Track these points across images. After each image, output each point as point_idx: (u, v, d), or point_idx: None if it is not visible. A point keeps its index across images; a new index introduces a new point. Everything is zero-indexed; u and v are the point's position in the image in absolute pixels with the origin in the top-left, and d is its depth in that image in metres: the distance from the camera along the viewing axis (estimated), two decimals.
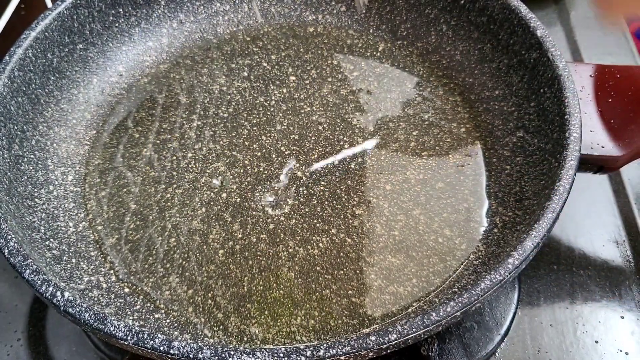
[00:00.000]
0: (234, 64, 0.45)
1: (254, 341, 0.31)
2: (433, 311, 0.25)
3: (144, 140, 0.40)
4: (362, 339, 0.24)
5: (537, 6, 0.54)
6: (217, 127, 0.41)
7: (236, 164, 0.39)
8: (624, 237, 0.38)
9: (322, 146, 0.39)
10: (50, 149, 0.38)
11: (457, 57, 0.43)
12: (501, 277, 0.26)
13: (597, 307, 0.35)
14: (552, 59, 0.35)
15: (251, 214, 0.36)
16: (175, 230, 0.35)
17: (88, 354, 0.34)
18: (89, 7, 0.41)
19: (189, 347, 0.24)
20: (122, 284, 0.33)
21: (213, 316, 0.32)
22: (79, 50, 0.41)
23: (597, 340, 0.34)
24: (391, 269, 0.33)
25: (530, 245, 0.27)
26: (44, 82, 0.38)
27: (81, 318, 0.25)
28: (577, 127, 0.31)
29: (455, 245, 0.34)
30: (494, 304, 0.34)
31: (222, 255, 0.34)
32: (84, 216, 0.36)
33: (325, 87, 0.43)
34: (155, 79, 0.44)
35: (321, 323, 0.31)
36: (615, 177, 0.41)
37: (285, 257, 0.34)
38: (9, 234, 0.28)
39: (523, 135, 0.37)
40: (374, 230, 0.35)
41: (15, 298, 0.36)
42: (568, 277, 0.36)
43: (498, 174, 0.37)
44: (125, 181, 0.38)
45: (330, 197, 0.37)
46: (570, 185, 0.30)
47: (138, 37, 0.44)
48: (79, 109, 0.41)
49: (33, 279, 0.27)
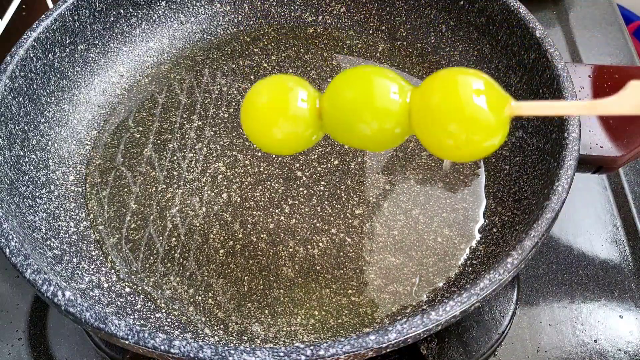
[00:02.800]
0: (234, 65, 0.45)
1: (254, 340, 0.31)
2: (433, 311, 0.25)
3: (145, 140, 0.40)
4: (362, 338, 0.24)
5: (536, 7, 0.54)
6: (217, 127, 0.41)
7: (236, 164, 0.39)
8: (623, 236, 0.38)
9: (322, 146, 0.39)
10: (52, 149, 0.38)
11: (456, 58, 0.43)
12: (500, 276, 0.26)
13: (596, 307, 0.35)
14: (550, 60, 0.35)
15: (251, 214, 0.36)
16: (176, 229, 0.36)
17: (89, 353, 0.34)
18: (90, 7, 0.41)
19: (190, 346, 0.24)
20: (123, 283, 0.33)
21: (213, 315, 0.32)
22: (80, 51, 0.41)
23: (596, 339, 0.34)
24: (391, 269, 0.33)
25: (529, 244, 0.27)
26: (45, 83, 0.38)
27: (82, 317, 0.25)
28: (575, 127, 0.32)
29: (455, 244, 0.34)
30: (493, 303, 0.35)
31: (222, 255, 0.34)
32: (85, 216, 0.36)
33: (325, 87, 0.43)
34: (156, 79, 0.44)
35: (321, 322, 0.32)
36: (614, 177, 0.41)
37: (285, 257, 0.34)
38: (10, 234, 0.28)
39: (522, 135, 0.37)
40: (373, 230, 0.35)
41: (17, 297, 0.36)
42: (567, 276, 0.36)
43: (497, 174, 0.37)
44: (126, 181, 0.38)
45: (330, 197, 0.37)
46: (569, 185, 0.30)
47: (139, 37, 0.45)
48: (80, 109, 0.41)
49: (34, 278, 0.27)
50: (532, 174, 0.34)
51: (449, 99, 0.23)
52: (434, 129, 0.24)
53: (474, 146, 0.23)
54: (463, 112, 0.22)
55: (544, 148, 0.34)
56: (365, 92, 0.25)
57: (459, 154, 0.24)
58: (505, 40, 0.39)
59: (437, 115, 0.23)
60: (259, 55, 0.45)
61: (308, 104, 0.26)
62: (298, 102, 0.26)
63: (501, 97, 0.23)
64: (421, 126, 0.24)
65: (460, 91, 0.23)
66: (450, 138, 0.23)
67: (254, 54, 0.45)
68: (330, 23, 0.47)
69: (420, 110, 0.24)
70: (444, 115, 0.23)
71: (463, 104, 0.22)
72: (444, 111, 0.23)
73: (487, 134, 0.23)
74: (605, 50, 0.50)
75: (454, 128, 0.23)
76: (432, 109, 0.23)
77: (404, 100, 0.24)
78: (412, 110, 0.24)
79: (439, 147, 0.24)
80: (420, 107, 0.24)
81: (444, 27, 0.43)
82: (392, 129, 0.24)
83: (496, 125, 0.23)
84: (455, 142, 0.23)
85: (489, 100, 0.23)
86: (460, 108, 0.22)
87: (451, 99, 0.23)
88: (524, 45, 0.37)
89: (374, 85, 0.25)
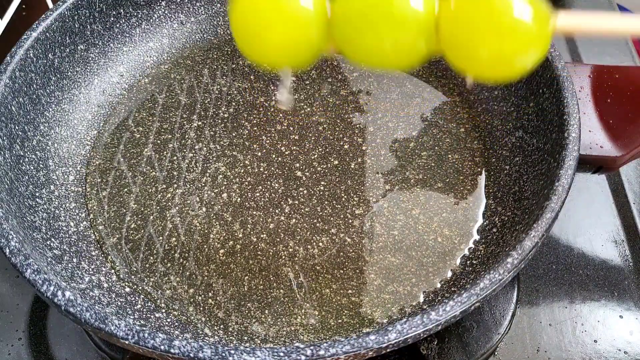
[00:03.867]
0: (234, 65, 0.45)
1: (254, 340, 0.31)
2: (433, 311, 0.25)
3: (145, 140, 0.40)
4: (362, 338, 0.24)
5: None
6: (217, 127, 0.41)
7: (236, 164, 0.39)
8: (623, 236, 0.38)
9: (322, 146, 0.39)
10: (52, 149, 0.38)
11: None
12: (500, 276, 0.26)
13: (596, 307, 0.35)
14: (551, 60, 0.35)
15: (251, 214, 0.36)
16: (176, 229, 0.36)
17: (89, 353, 0.34)
18: (90, 7, 0.41)
19: (190, 346, 0.24)
20: (123, 283, 0.33)
21: (213, 315, 0.32)
22: (80, 51, 0.41)
23: (596, 339, 0.34)
24: (391, 269, 0.33)
25: (529, 244, 0.27)
26: (45, 83, 0.38)
27: (82, 317, 0.25)
28: (576, 127, 0.32)
29: (455, 244, 0.34)
30: (493, 303, 0.35)
31: (222, 255, 0.34)
32: (85, 216, 0.36)
33: (325, 87, 0.43)
34: (156, 79, 0.44)
35: (321, 322, 0.32)
36: (614, 177, 0.41)
37: (285, 257, 0.34)
38: (10, 234, 0.28)
39: (522, 135, 0.37)
40: (373, 230, 0.35)
41: (17, 297, 0.36)
42: (567, 276, 0.36)
43: (497, 174, 0.37)
44: (126, 181, 0.38)
45: (330, 197, 0.37)
46: (569, 185, 0.30)
47: (139, 37, 0.45)
48: (80, 109, 0.41)
49: (34, 278, 0.27)
50: (532, 174, 0.34)
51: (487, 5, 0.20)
52: (469, 38, 0.21)
53: (511, 60, 0.21)
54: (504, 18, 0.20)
55: (544, 148, 0.34)
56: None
57: (495, 69, 0.21)
58: None
59: (474, 24, 0.20)
60: None
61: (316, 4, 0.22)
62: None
63: (544, 10, 0.21)
64: (453, 36, 0.21)
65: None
66: (487, 49, 0.20)
67: None
68: None
69: (452, 18, 0.21)
70: (481, 24, 0.20)
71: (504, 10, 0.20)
72: (481, 19, 0.20)
73: (528, 46, 0.20)
74: (605, 50, 0.50)
75: (491, 38, 0.20)
76: (468, 16, 0.20)
77: (432, 8, 0.21)
78: (440, 20, 0.21)
79: (472, 61, 0.21)
80: (453, 16, 0.21)
81: None
82: (416, 41, 0.21)
83: (537, 38, 0.20)
84: (491, 55, 0.21)
85: (533, 10, 0.20)
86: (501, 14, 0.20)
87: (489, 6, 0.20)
88: None
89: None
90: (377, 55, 0.22)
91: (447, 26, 0.21)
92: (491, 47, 0.20)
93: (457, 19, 0.21)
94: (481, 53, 0.21)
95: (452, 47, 0.21)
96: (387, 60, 0.22)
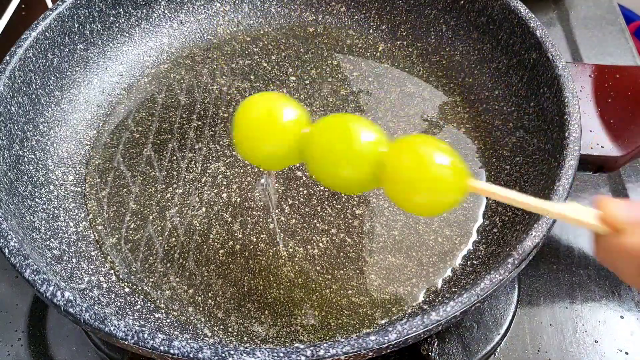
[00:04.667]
0: (234, 64, 0.45)
1: (254, 340, 0.31)
2: (433, 311, 0.25)
3: (144, 140, 0.40)
4: (362, 339, 0.24)
5: (537, 6, 0.54)
6: (217, 127, 0.41)
7: (236, 164, 0.39)
8: None
9: None
10: (51, 149, 0.38)
11: (456, 58, 0.43)
12: (501, 277, 0.26)
13: (596, 307, 0.35)
14: (551, 59, 0.35)
15: (251, 214, 0.36)
16: (176, 230, 0.35)
17: (88, 354, 0.34)
18: (90, 7, 0.41)
19: (189, 346, 0.24)
20: (123, 283, 0.33)
21: (213, 316, 0.32)
22: (80, 51, 0.41)
23: (596, 340, 0.34)
24: (391, 269, 0.33)
25: (530, 245, 0.27)
26: (44, 82, 0.38)
27: (81, 318, 0.25)
28: (576, 127, 0.32)
29: (455, 245, 0.34)
30: (493, 303, 0.34)
31: (222, 255, 0.34)
32: (85, 216, 0.36)
33: (325, 87, 0.43)
34: (155, 79, 0.44)
35: (321, 322, 0.32)
36: (615, 177, 0.41)
37: (285, 257, 0.34)
38: (9, 234, 0.28)
39: (523, 135, 0.37)
40: (373, 230, 0.35)
41: (16, 298, 0.36)
42: (568, 276, 0.36)
43: (498, 174, 0.37)
44: (126, 181, 0.38)
45: (330, 197, 0.37)
46: (570, 185, 0.30)
47: (138, 37, 0.44)
48: (79, 109, 0.41)
49: (33, 278, 0.27)
50: (532, 174, 0.34)
51: (420, 160, 0.26)
52: (404, 181, 0.26)
53: (433, 204, 0.26)
54: (430, 173, 0.26)
55: (544, 148, 0.34)
56: (349, 136, 0.27)
57: (420, 207, 0.27)
58: (505, 40, 0.39)
59: (409, 172, 0.26)
60: (258, 55, 0.45)
61: (294, 132, 0.28)
62: (287, 127, 0.29)
63: (463, 171, 0.26)
64: (391, 178, 0.27)
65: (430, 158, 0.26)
66: (415, 193, 0.26)
67: (253, 54, 0.45)
68: (330, 22, 0.47)
69: (394, 163, 0.26)
70: (414, 173, 0.26)
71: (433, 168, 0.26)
72: (414, 169, 0.26)
73: (447, 197, 0.26)
74: (606, 50, 0.50)
75: (420, 185, 0.26)
76: (406, 165, 0.26)
77: (379, 153, 0.27)
78: (386, 162, 0.26)
79: (403, 199, 0.27)
80: (395, 161, 0.26)
81: (444, 26, 0.43)
82: (365, 174, 0.27)
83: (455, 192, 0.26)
84: (419, 197, 0.26)
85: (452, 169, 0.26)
86: (430, 170, 0.26)
87: (423, 161, 0.26)
88: (524, 44, 0.37)
89: (358, 132, 0.27)
90: (333, 177, 0.28)
91: (388, 169, 0.26)
92: (418, 191, 0.26)
93: (395, 167, 0.26)
94: (410, 195, 0.26)
95: (390, 186, 0.27)
96: (339, 183, 0.28)
